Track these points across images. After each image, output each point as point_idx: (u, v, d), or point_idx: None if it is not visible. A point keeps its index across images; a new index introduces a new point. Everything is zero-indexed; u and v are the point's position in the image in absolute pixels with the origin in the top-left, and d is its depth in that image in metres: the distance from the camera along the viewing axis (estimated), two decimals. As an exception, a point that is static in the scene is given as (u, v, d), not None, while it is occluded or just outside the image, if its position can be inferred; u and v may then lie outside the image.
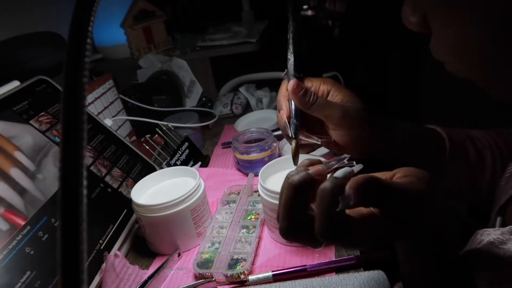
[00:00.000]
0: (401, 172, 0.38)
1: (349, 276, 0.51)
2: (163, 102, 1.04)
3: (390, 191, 0.34)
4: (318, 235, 0.34)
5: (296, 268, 0.54)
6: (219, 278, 0.54)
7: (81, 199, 0.20)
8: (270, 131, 0.81)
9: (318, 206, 0.33)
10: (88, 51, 0.21)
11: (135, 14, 1.17)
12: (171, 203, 0.58)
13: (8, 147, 0.57)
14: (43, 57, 0.79)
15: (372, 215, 0.35)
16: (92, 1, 0.22)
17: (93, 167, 0.68)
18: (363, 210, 0.36)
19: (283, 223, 0.36)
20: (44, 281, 0.50)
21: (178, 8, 1.39)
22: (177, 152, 0.81)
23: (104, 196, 0.66)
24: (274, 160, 0.66)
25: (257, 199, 0.68)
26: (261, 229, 0.63)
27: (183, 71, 1.14)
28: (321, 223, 0.33)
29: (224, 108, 1.08)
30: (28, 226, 0.52)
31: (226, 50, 1.17)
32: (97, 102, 0.87)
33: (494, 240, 0.41)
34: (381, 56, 1.50)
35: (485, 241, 0.42)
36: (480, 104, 0.98)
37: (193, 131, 0.91)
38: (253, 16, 1.37)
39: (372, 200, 0.34)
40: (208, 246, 0.60)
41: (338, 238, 0.34)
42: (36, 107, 0.66)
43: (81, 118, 0.21)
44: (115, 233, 0.62)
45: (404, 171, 0.38)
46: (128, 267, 0.57)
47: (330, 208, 0.33)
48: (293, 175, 0.36)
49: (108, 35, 1.19)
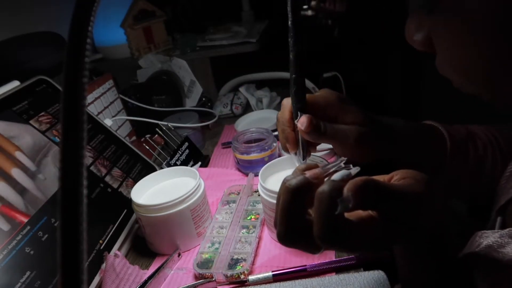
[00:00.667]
0: (399, 175, 0.38)
1: (349, 276, 0.51)
2: (163, 102, 1.04)
3: (388, 193, 0.34)
4: (317, 239, 0.33)
5: (296, 268, 0.54)
6: (219, 278, 0.54)
7: (81, 199, 0.20)
8: (270, 131, 0.81)
9: (316, 209, 0.33)
10: (88, 51, 0.21)
11: (135, 14, 1.17)
12: (171, 203, 0.58)
13: (9, 147, 0.57)
14: (43, 57, 0.79)
15: (371, 218, 0.35)
16: (92, 1, 0.21)
17: (93, 167, 0.68)
18: (362, 213, 0.35)
19: (281, 228, 0.36)
20: (44, 281, 0.50)
21: (178, 8, 1.39)
22: (177, 152, 0.81)
23: (104, 196, 0.66)
24: (274, 160, 0.66)
25: (257, 199, 0.68)
26: (261, 229, 0.63)
27: (183, 71, 1.14)
28: (320, 227, 0.33)
29: (224, 108, 1.08)
30: (28, 226, 0.52)
31: (226, 50, 1.17)
32: (97, 102, 0.87)
33: (492, 243, 0.40)
34: (381, 56, 1.49)
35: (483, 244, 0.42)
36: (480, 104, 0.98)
37: (193, 131, 0.91)
38: (253, 16, 1.37)
39: (371, 202, 0.34)
40: (208, 246, 0.60)
41: (337, 242, 0.33)
42: (36, 107, 0.66)
43: (81, 118, 0.21)
44: (115, 233, 0.62)
45: (402, 173, 0.38)
46: (128, 267, 0.57)
47: (329, 211, 0.32)
48: (290, 179, 0.36)
49: (108, 35, 1.19)
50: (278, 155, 0.80)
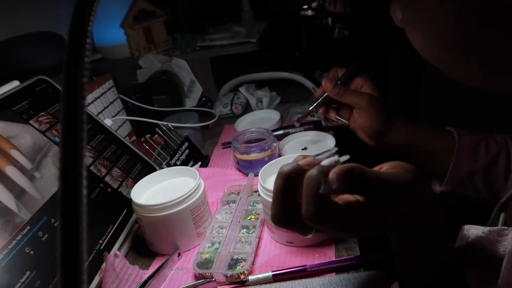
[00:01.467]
0: (388, 165, 0.40)
1: (349, 276, 0.51)
2: (163, 102, 1.04)
3: (373, 179, 0.36)
4: (304, 218, 0.36)
5: (296, 268, 0.54)
6: (219, 278, 0.54)
7: (81, 199, 0.20)
8: (270, 131, 0.81)
9: (305, 191, 0.36)
10: (88, 51, 0.21)
11: (135, 14, 1.17)
12: (171, 203, 0.58)
13: (4, 145, 0.57)
14: (43, 57, 0.79)
15: (359, 203, 0.37)
16: (92, 1, 0.22)
17: (93, 167, 0.68)
18: (350, 197, 0.38)
19: (274, 211, 0.39)
20: (44, 281, 0.50)
21: (178, 8, 1.39)
22: (177, 152, 0.81)
23: (104, 196, 0.66)
24: (274, 160, 0.66)
25: (257, 199, 0.68)
26: (261, 229, 0.63)
27: (183, 71, 1.14)
28: (307, 206, 0.35)
29: (224, 108, 1.08)
30: (28, 226, 0.52)
31: (226, 50, 1.17)
32: (97, 102, 0.87)
33: (482, 238, 0.41)
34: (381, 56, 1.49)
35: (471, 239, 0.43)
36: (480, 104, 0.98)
37: (193, 131, 0.91)
38: (253, 16, 1.37)
39: (355, 186, 0.35)
40: (208, 246, 0.60)
41: (322, 220, 0.35)
42: (36, 107, 0.66)
43: (81, 118, 0.21)
44: (115, 233, 0.62)
45: (391, 163, 0.40)
46: (128, 267, 0.57)
47: (315, 191, 0.35)
48: (284, 166, 0.39)
49: (108, 35, 1.19)
50: (278, 155, 0.80)
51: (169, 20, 1.26)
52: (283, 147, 0.83)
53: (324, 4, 1.26)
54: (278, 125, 0.95)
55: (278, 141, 0.82)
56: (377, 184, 0.36)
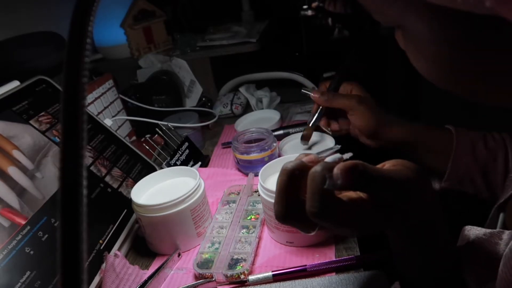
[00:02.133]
0: (390, 163, 0.40)
1: (349, 276, 0.51)
2: (163, 102, 1.04)
3: (376, 176, 0.36)
4: (308, 214, 0.36)
5: (296, 268, 0.54)
6: (219, 278, 0.54)
7: (81, 199, 0.20)
8: (270, 131, 0.81)
9: (309, 187, 0.36)
10: (88, 51, 0.21)
11: (135, 14, 1.17)
12: (171, 203, 0.58)
13: (6, 146, 0.57)
14: (43, 57, 0.79)
15: (362, 200, 0.37)
16: (92, 1, 0.22)
17: (93, 167, 0.68)
18: (353, 194, 0.38)
19: (278, 207, 0.39)
20: (44, 281, 0.50)
21: (178, 8, 1.39)
22: (177, 152, 0.81)
23: (104, 196, 0.66)
24: (274, 160, 0.66)
25: (257, 199, 0.68)
26: (261, 229, 0.63)
27: (183, 71, 1.14)
28: (312, 202, 0.35)
29: (224, 108, 1.08)
30: (28, 226, 0.52)
31: (226, 50, 1.16)
32: (97, 102, 0.87)
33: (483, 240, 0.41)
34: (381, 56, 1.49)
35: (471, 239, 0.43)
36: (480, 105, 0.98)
37: (193, 131, 0.91)
38: (253, 16, 1.37)
39: (359, 183, 0.35)
40: (208, 246, 0.60)
41: (327, 216, 0.35)
42: (36, 107, 0.66)
43: (81, 118, 0.21)
44: (115, 233, 0.62)
45: (393, 161, 0.40)
46: (128, 267, 0.57)
47: (320, 187, 0.35)
48: (288, 163, 0.39)
49: (108, 35, 1.19)
50: (278, 155, 0.80)
51: (169, 20, 1.26)
52: (283, 147, 0.83)
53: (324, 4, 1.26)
54: (278, 125, 0.95)
55: (278, 141, 0.82)
56: (380, 181, 0.36)
